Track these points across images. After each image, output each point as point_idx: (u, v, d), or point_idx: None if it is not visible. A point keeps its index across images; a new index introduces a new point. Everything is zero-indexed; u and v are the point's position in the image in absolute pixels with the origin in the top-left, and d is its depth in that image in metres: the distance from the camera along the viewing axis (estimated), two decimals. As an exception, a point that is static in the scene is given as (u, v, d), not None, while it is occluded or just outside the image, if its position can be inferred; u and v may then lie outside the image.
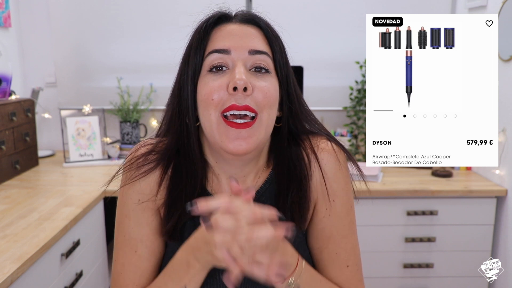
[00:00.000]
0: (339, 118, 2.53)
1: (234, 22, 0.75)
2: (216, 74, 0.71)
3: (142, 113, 2.47)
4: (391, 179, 2.04)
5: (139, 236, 0.77)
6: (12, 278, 1.18)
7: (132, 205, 0.78)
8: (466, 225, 1.97)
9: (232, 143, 0.69)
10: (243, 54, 0.71)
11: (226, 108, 0.69)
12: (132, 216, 0.78)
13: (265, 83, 0.72)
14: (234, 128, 0.69)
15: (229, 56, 0.71)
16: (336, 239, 0.78)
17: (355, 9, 2.42)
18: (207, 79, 0.72)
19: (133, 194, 0.78)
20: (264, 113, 0.71)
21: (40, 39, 2.53)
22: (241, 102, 0.69)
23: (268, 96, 0.71)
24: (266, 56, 0.73)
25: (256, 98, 0.70)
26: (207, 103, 0.70)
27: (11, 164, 2.02)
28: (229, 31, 0.73)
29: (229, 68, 0.71)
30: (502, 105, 1.84)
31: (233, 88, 0.68)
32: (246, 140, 0.69)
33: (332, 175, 0.79)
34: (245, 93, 0.69)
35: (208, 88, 0.71)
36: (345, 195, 0.79)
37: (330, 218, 0.78)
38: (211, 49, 0.72)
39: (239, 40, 0.72)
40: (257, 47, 0.72)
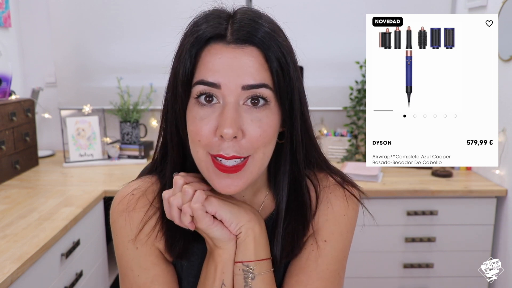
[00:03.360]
0: (339, 118, 2.53)
1: (227, 43, 0.63)
2: (204, 107, 0.63)
3: (142, 113, 2.47)
4: (391, 179, 2.04)
5: (149, 280, 0.72)
6: (12, 278, 1.18)
7: (130, 254, 0.73)
8: (466, 225, 1.97)
9: (220, 184, 0.64)
10: (236, 90, 0.62)
11: (213, 154, 0.63)
12: (134, 266, 0.73)
13: (260, 122, 0.63)
14: (222, 172, 0.64)
15: (220, 90, 0.62)
16: (310, 275, 0.71)
17: (355, 9, 2.42)
18: (194, 113, 0.64)
19: (129, 244, 0.73)
20: (258, 153, 0.64)
21: (40, 39, 2.53)
22: (229, 152, 0.62)
23: (263, 136, 0.63)
24: (264, 88, 0.63)
25: (248, 142, 0.63)
26: (194, 141, 0.65)
27: (11, 164, 2.02)
28: (220, 58, 0.62)
29: (220, 102, 0.63)
30: (502, 105, 1.84)
31: (220, 135, 0.62)
32: (236, 181, 0.64)
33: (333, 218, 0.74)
34: (235, 140, 0.62)
35: (195, 126, 0.64)
36: (341, 242, 0.74)
37: (312, 252, 0.72)
38: (199, 79, 0.63)
39: (232, 73, 0.62)
40: (251, 81, 0.62)
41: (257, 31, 0.63)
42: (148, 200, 0.74)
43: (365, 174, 2.00)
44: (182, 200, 0.66)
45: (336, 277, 0.73)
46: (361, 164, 2.15)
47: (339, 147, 2.34)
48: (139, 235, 0.73)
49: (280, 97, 0.65)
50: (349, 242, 0.75)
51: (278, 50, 0.64)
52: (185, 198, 0.66)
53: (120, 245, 0.74)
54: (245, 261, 0.67)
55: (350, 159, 2.29)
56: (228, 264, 0.68)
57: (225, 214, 0.66)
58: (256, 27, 0.63)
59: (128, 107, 2.41)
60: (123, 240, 0.74)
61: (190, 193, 0.65)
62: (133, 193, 0.75)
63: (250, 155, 0.64)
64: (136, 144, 2.39)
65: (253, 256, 0.67)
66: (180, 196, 0.66)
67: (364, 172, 2.02)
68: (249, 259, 0.67)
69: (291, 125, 0.69)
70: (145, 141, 2.46)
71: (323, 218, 0.74)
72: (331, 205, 0.74)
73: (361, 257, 2.00)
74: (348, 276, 2.00)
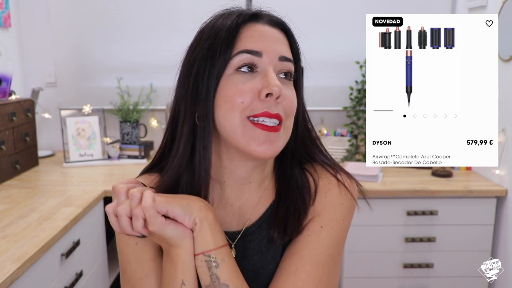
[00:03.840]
0: (339, 118, 2.53)
1: (263, 23, 0.72)
2: (245, 75, 0.68)
3: (142, 113, 2.47)
4: (391, 179, 2.04)
5: (144, 274, 0.74)
6: (12, 278, 1.18)
7: (130, 250, 0.75)
8: (466, 225, 1.97)
9: (260, 146, 0.67)
10: (274, 59, 0.69)
11: (256, 114, 0.67)
12: (132, 260, 0.75)
13: (290, 91, 0.71)
14: (264, 130, 0.67)
15: (261, 59, 0.68)
16: (303, 258, 0.71)
17: (355, 9, 2.42)
18: (234, 80, 0.68)
19: (129, 240, 0.75)
20: (288, 121, 0.70)
21: (40, 39, 2.53)
22: (274, 110, 0.67)
23: (293, 105, 0.71)
24: (292, 64, 0.72)
25: (284, 106, 0.69)
26: (233, 105, 0.67)
27: (11, 164, 2.02)
28: (261, 32, 0.70)
29: (258, 71, 0.68)
30: (502, 105, 1.84)
31: (265, 94, 0.66)
32: (273, 144, 0.68)
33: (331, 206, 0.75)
34: (277, 101, 0.67)
35: (236, 90, 0.67)
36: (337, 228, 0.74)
37: (307, 237, 0.73)
38: (242, 49, 0.68)
39: (272, 44, 0.69)
40: (286, 54, 0.71)
41: (281, 20, 0.74)
42: None
43: (365, 174, 2.00)
44: (131, 205, 0.63)
45: (330, 262, 0.73)
46: (361, 164, 2.15)
47: (339, 147, 2.34)
48: None
49: (296, 79, 0.75)
50: (345, 229, 0.76)
51: (297, 42, 0.76)
52: (134, 202, 0.63)
53: (121, 240, 0.76)
54: (205, 251, 0.66)
55: (350, 159, 2.29)
56: (187, 262, 0.66)
57: (176, 209, 0.64)
58: (283, 20, 0.75)
59: (128, 107, 2.41)
60: (123, 236, 0.75)
61: (138, 195, 0.63)
62: None
63: (283, 120, 0.69)
64: (136, 144, 2.39)
65: (212, 245, 0.66)
66: (127, 203, 0.63)
67: (364, 172, 2.02)
68: (209, 248, 0.65)
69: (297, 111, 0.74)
70: (145, 141, 2.46)
71: (321, 206, 0.75)
72: (329, 194, 0.76)
73: (361, 257, 2.00)
74: (348, 276, 2.00)
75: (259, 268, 0.75)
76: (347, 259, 2.00)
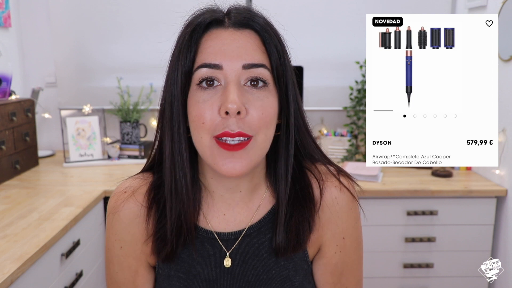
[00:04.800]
0: (339, 118, 2.53)
1: (226, 27, 0.67)
2: (207, 91, 0.65)
3: (142, 113, 2.47)
4: (391, 179, 2.04)
5: (123, 279, 0.77)
6: (12, 278, 1.18)
7: (115, 251, 0.76)
8: (466, 225, 1.97)
9: (225, 165, 0.64)
10: (237, 69, 0.64)
11: (218, 134, 0.64)
12: (115, 261, 0.77)
13: (261, 102, 0.65)
14: (227, 150, 0.64)
15: (221, 71, 0.64)
16: (347, 274, 0.78)
17: (355, 9, 2.42)
18: (196, 98, 0.65)
19: (115, 242, 0.76)
20: (260, 135, 0.65)
21: (40, 39, 2.53)
22: (234, 128, 0.63)
23: (264, 116, 0.65)
24: (263, 68, 0.66)
25: (250, 120, 0.64)
26: (197, 125, 0.65)
27: (11, 164, 2.02)
28: (220, 40, 0.65)
29: (221, 83, 0.65)
30: (502, 105, 1.84)
31: (225, 112, 0.62)
32: (240, 161, 0.64)
33: (344, 214, 0.76)
34: (238, 117, 0.63)
35: (198, 110, 0.64)
36: (355, 232, 0.78)
37: (341, 254, 0.77)
38: (201, 62, 0.65)
39: (232, 53, 0.64)
40: (252, 60, 0.65)
41: (254, 17, 0.68)
42: (137, 201, 0.74)
43: (365, 174, 2.00)
44: None
45: (361, 260, 0.79)
46: (361, 164, 2.15)
47: (339, 147, 2.34)
48: (124, 236, 0.75)
49: (278, 80, 0.68)
50: (361, 228, 0.80)
51: (274, 36, 0.68)
52: None
53: (108, 240, 0.77)
54: None
55: (350, 159, 2.29)
56: None
57: None
58: (253, 14, 0.68)
59: (128, 107, 2.41)
60: (110, 237, 0.76)
61: None
62: (125, 191, 0.76)
63: (253, 135, 0.65)
64: (136, 144, 2.39)
65: None
66: None
67: (364, 172, 2.02)
68: None
69: (288, 112, 0.70)
70: (145, 141, 2.46)
71: (334, 215, 0.75)
72: (337, 201, 0.75)
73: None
74: (348, 276, 2.00)
75: (261, 273, 0.73)
76: (347, 259, 2.00)
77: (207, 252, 0.73)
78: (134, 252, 0.75)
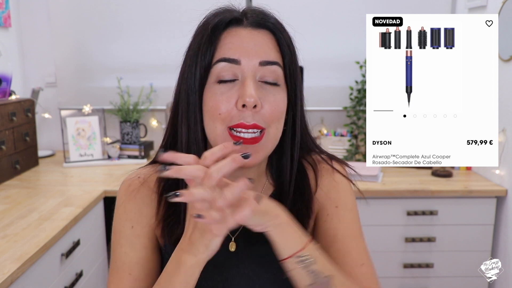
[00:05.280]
0: (339, 118, 2.53)
1: (244, 26, 0.71)
2: (225, 85, 0.69)
3: (142, 113, 2.47)
4: (391, 179, 2.04)
5: (134, 259, 0.77)
6: (12, 278, 1.18)
7: (125, 231, 0.78)
8: (466, 225, 1.97)
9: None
10: (254, 65, 0.69)
11: (233, 125, 0.68)
12: (124, 243, 0.77)
13: (274, 97, 0.70)
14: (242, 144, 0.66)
15: (239, 66, 0.68)
16: (344, 239, 0.77)
17: (355, 9, 2.42)
18: (214, 90, 0.69)
19: (126, 222, 0.78)
20: (272, 128, 0.70)
21: (40, 39, 2.53)
22: (250, 120, 0.68)
23: (276, 110, 0.70)
24: (277, 67, 0.70)
25: (264, 114, 0.68)
26: (213, 116, 0.69)
27: (11, 164, 2.02)
28: (239, 38, 0.70)
29: (238, 79, 0.69)
30: (502, 105, 1.84)
31: (242, 105, 0.67)
32: (254, 154, 0.68)
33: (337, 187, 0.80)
34: (254, 110, 0.67)
35: (215, 101, 0.68)
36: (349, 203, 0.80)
37: (332, 221, 0.78)
38: (220, 57, 0.69)
39: (250, 50, 0.69)
40: (268, 58, 0.70)
41: (269, 18, 0.73)
42: (149, 187, 0.79)
43: (365, 174, 2.00)
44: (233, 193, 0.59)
45: (361, 233, 0.80)
46: (361, 164, 2.14)
47: (339, 147, 2.34)
48: (137, 216, 0.78)
49: (289, 77, 0.73)
50: (356, 204, 0.82)
51: (287, 36, 0.74)
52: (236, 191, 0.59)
53: (117, 222, 0.79)
54: (296, 253, 0.65)
55: (350, 159, 2.29)
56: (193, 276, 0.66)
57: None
58: (268, 15, 0.73)
59: (128, 107, 2.41)
60: (120, 218, 0.78)
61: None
62: (139, 176, 0.80)
63: (265, 128, 0.69)
64: (136, 144, 2.39)
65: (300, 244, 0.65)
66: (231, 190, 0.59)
67: (364, 172, 2.02)
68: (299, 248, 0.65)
69: (295, 107, 0.75)
70: (145, 141, 2.46)
71: (324, 189, 0.80)
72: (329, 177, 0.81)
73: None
74: (348, 276, 2.00)
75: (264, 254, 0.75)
76: (347, 259, 2.00)
77: None
78: (147, 232, 0.77)
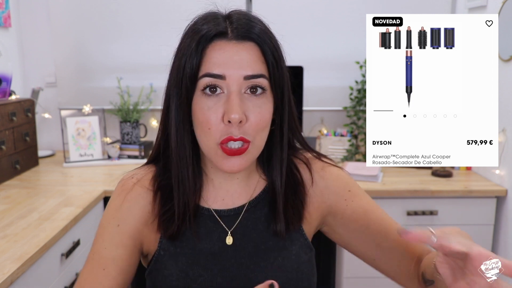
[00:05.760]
0: (339, 118, 2.53)
1: (229, 40, 0.72)
2: (210, 98, 0.72)
3: (142, 113, 2.47)
4: (391, 179, 2.04)
5: (111, 256, 0.79)
6: (12, 278, 1.18)
7: (110, 228, 0.81)
8: (466, 225, 1.97)
9: (228, 164, 0.73)
10: (238, 79, 0.71)
11: (222, 140, 0.72)
12: (106, 237, 0.80)
13: (259, 108, 0.73)
14: (230, 156, 0.72)
15: (224, 81, 0.71)
16: (373, 210, 0.84)
17: (355, 9, 2.42)
18: (202, 103, 0.72)
19: (112, 220, 0.81)
20: (257, 138, 0.73)
21: (40, 39, 2.53)
22: (236, 134, 0.71)
23: (261, 122, 0.73)
24: (262, 78, 0.72)
25: (250, 126, 0.72)
26: (203, 130, 0.73)
27: (11, 164, 2.02)
28: (224, 52, 0.71)
29: (224, 91, 0.72)
30: (502, 105, 1.84)
31: (228, 121, 0.70)
32: (240, 162, 0.73)
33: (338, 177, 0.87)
34: (240, 124, 0.71)
35: (203, 116, 0.72)
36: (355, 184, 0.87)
37: (354, 201, 0.84)
38: (206, 72, 0.71)
39: (234, 64, 0.71)
40: (252, 71, 0.71)
41: (254, 28, 0.73)
42: (144, 186, 0.82)
43: (365, 174, 2.00)
44: None
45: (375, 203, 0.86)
46: (361, 164, 2.15)
47: (339, 147, 2.34)
48: (125, 215, 0.81)
49: (275, 86, 0.75)
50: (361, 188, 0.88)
51: (271, 45, 0.74)
52: None
53: (105, 217, 0.82)
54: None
55: (350, 159, 2.29)
56: None
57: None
58: (252, 25, 0.74)
59: (128, 107, 2.41)
60: (108, 215, 0.82)
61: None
62: (133, 177, 0.84)
63: (251, 140, 0.72)
64: (136, 144, 2.39)
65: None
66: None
67: (364, 172, 2.02)
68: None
69: (282, 111, 0.78)
70: (145, 141, 2.46)
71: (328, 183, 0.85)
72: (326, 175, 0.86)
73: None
74: (348, 276, 2.00)
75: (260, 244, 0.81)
76: (347, 259, 2.00)
77: (210, 229, 0.81)
78: (131, 232, 0.80)
